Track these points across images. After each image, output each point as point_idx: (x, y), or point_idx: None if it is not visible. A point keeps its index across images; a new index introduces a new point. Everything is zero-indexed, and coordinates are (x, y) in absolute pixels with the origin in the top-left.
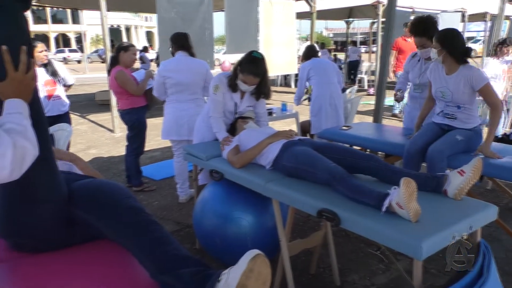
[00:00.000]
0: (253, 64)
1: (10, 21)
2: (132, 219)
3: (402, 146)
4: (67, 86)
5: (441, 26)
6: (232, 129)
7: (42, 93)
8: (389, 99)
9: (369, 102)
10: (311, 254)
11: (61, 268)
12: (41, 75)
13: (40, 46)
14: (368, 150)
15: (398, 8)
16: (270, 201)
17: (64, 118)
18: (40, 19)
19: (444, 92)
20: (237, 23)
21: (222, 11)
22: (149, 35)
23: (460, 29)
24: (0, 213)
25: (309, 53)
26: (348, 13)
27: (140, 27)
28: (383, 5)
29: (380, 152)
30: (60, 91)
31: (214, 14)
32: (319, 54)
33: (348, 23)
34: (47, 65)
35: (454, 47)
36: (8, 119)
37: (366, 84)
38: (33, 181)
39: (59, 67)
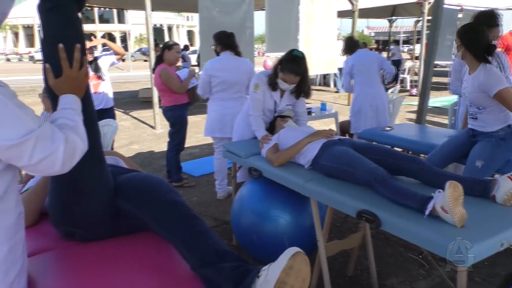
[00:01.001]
0: (294, 62)
1: (67, 21)
2: (174, 213)
3: None
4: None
5: None
6: (271, 128)
7: None
8: (433, 100)
9: (411, 103)
10: (348, 255)
11: (105, 256)
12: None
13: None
14: (410, 152)
15: (445, 6)
16: (307, 200)
17: (109, 113)
18: (88, 19)
19: (465, 93)
20: (277, 22)
21: (263, 10)
22: (189, 34)
23: None
24: (52, 204)
25: (351, 46)
26: (391, 11)
27: (182, 26)
28: (429, 3)
29: (422, 155)
30: (104, 86)
31: (254, 13)
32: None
33: (390, 21)
34: (91, 62)
35: (473, 43)
36: (62, 114)
37: (408, 84)
38: (83, 174)
39: (104, 58)
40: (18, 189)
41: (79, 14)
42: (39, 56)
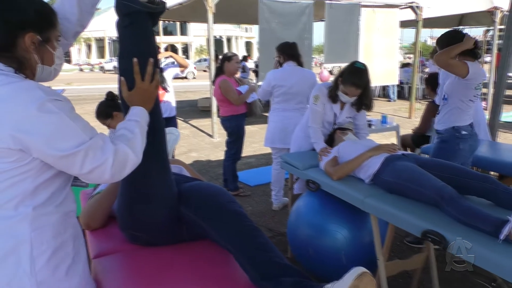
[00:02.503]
0: (356, 75)
1: (142, 36)
2: (236, 224)
3: None
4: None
5: None
6: (330, 140)
7: None
8: (506, 114)
9: None
10: (409, 277)
11: (166, 262)
12: None
13: None
14: (479, 169)
15: None
16: (367, 216)
17: (171, 121)
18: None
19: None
20: (336, 32)
21: (322, 21)
22: (248, 45)
23: None
24: (120, 208)
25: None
26: (458, 21)
27: (240, 37)
28: (501, 11)
29: (492, 172)
30: (168, 96)
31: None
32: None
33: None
34: (160, 71)
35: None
36: (124, 125)
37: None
38: (150, 181)
39: (170, 71)
40: (68, 190)
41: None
42: (108, 66)
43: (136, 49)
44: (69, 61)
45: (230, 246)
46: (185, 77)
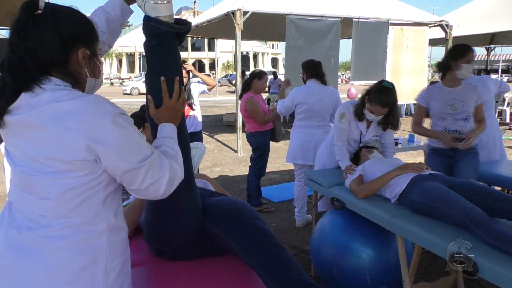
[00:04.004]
0: (383, 94)
1: (169, 55)
2: (259, 240)
3: None
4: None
5: None
6: (356, 158)
7: None
8: None
9: (511, 138)
10: None
11: (190, 276)
12: None
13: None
14: (510, 192)
15: None
16: (392, 236)
17: (197, 135)
18: (182, 47)
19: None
20: (364, 50)
21: (349, 38)
22: (274, 61)
23: None
24: (146, 221)
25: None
26: (489, 39)
27: (267, 54)
28: None
29: None
30: (194, 112)
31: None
32: None
33: (488, 49)
34: (185, 87)
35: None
36: (163, 142)
37: (508, 117)
38: (176, 195)
39: (196, 87)
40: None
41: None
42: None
43: (163, 68)
44: None
45: (253, 262)
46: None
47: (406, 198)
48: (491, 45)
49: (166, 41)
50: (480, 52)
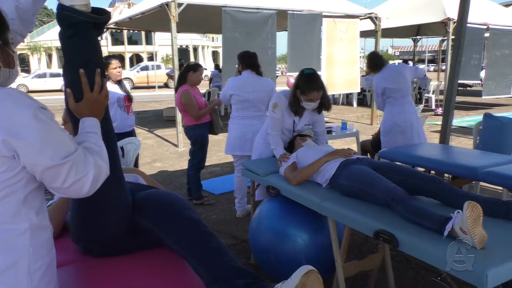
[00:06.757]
0: (311, 80)
1: (87, 46)
2: (189, 230)
3: (471, 168)
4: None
5: None
6: (290, 147)
7: (123, 109)
8: (459, 120)
9: (436, 123)
10: (368, 277)
11: (122, 272)
12: (117, 91)
13: (114, 63)
14: (432, 172)
15: (470, 25)
16: (325, 219)
17: (133, 132)
18: (117, 41)
19: None
20: (299, 42)
21: (285, 30)
22: (214, 54)
23: None
24: (71, 219)
25: (378, 62)
26: (416, 31)
27: (207, 47)
28: (454, 22)
29: (446, 175)
30: (131, 107)
31: (277, 34)
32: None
33: (415, 41)
34: (121, 82)
35: None
36: (86, 138)
37: (433, 103)
38: (102, 191)
39: (127, 86)
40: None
41: (107, 36)
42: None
43: (82, 60)
44: (28, 71)
45: (184, 252)
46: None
47: (335, 182)
48: (417, 37)
49: (84, 31)
50: (407, 43)
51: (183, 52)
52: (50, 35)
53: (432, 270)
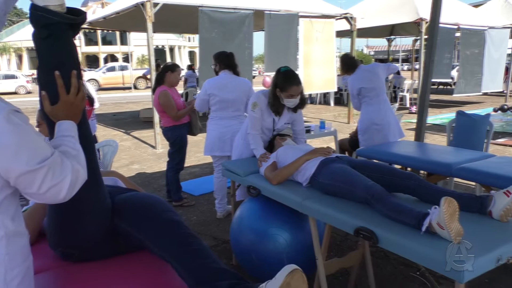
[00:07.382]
0: (289, 76)
1: (62, 48)
2: (170, 232)
3: (446, 165)
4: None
5: (488, 44)
6: (270, 146)
7: None
8: (433, 118)
9: (411, 121)
10: (348, 274)
11: (102, 277)
12: None
13: None
14: (408, 169)
15: (442, 25)
16: (306, 218)
17: (95, 139)
18: (91, 41)
19: None
20: (276, 42)
21: (262, 30)
22: (191, 54)
23: (509, 45)
24: (48, 225)
25: (350, 64)
26: (389, 31)
27: (184, 47)
28: (426, 22)
29: (422, 171)
30: (93, 112)
31: (254, 34)
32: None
33: (389, 40)
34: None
35: None
36: (63, 142)
37: (408, 102)
38: (80, 195)
39: (89, 88)
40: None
41: (80, 36)
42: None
43: (57, 62)
44: None
45: (165, 255)
46: (15, 93)
47: (316, 181)
48: (392, 36)
49: (59, 33)
50: (382, 43)
51: (159, 52)
52: (20, 35)
53: (411, 265)
